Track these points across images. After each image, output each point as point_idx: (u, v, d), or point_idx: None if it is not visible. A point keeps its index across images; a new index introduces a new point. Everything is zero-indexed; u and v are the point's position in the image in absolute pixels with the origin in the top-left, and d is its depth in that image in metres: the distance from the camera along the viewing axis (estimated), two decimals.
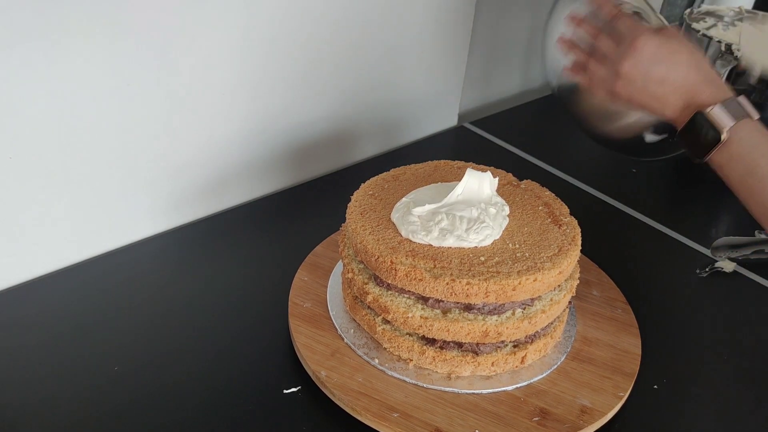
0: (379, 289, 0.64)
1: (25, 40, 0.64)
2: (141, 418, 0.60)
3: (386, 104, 1.01)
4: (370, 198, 0.69)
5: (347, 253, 0.68)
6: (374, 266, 0.63)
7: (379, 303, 0.63)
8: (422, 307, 0.62)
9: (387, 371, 0.64)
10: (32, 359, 0.65)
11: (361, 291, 0.65)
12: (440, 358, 0.63)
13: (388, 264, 0.61)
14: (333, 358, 0.64)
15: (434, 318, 0.61)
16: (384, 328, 0.65)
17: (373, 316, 0.65)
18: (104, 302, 0.72)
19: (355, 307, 0.67)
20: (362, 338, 0.67)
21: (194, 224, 0.85)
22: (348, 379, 0.63)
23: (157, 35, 0.72)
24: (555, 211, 0.70)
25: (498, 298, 0.60)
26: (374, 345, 0.66)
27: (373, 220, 0.66)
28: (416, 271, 0.60)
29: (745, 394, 0.68)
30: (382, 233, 0.64)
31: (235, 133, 0.85)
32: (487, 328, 0.61)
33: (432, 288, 0.60)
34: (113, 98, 0.72)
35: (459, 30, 1.05)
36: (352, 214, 0.67)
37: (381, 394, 0.62)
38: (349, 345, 0.66)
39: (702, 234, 0.91)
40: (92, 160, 0.74)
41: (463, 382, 0.63)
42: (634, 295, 0.75)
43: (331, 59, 0.90)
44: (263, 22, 0.81)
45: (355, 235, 0.64)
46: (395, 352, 0.65)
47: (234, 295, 0.75)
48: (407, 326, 0.63)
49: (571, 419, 0.61)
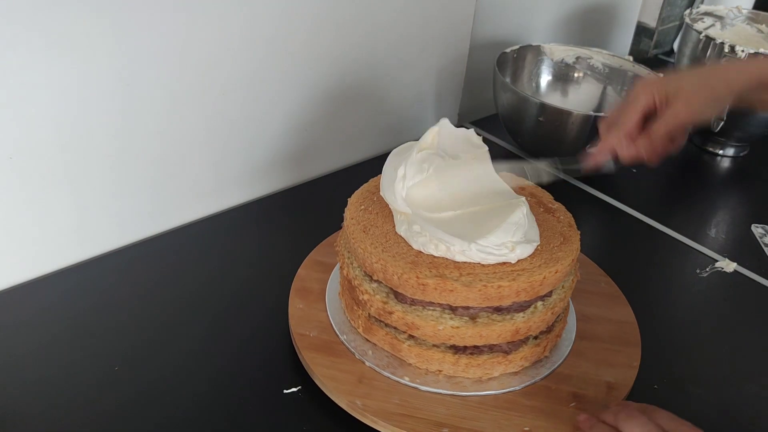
0: (402, 306, 0.61)
1: (26, 40, 0.64)
2: (141, 418, 0.60)
3: (386, 104, 1.01)
4: (365, 213, 0.66)
5: (356, 274, 0.64)
6: (397, 284, 0.60)
7: (405, 320, 0.61)
8: (451, 317, 0.60)
9: (420, 387, 0.62)
10: (32, 359, 0.65)
11: (382, 311, 0.62)
12: (473, 364, 0.62)
13: (414, 280, 0.59)
14: (362, 385, 0.62)
15: (465, 325, 0.60)
16: (410, 344, 0.63)
17: (395, 335, 0.63)
18: (104, 302, 0.72)
19: (371, 329, 0.65)
20: (383, 358, 0.64)
21: (194, 224, 0.85)
22: (384, 403, 0.60)
23: (157, 35, 0.72)
24: (543, 199, 0.70)
25: (527, 296, 0.60)
26: (398, 363, 0.64)
27: (378, 236, 0.63)
28: (446, 283, 0.58)
29: (745, 394, 0.68)
30: (394, 249, 0.62)
31: (235, 133, 0.85)
32: (517, 327, 0.61)
33: (464, 297, 0.59)
34: (113, 98, 0.72)
35: (459, 30, 1.05)
36: (354, 233, 0.64)
37: (422, 411, 0.60)
38: (373, 368, 0.63)
39: (702, 234, 0.91)
40: (92, 159, 0.74)
41: (496, 383, 0.63)
42: (634, 295, 0.75)
43: (331, 59, 0.90)
44: (263, 22, 0.81)
45: (369, 255, 0.61)
46: (422, 366, 0.63)
47: (234, 295, 0.75)
48: (437, 338, 0.61)
49: (602, 398, 0.62)
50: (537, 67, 1.12)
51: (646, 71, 1.05)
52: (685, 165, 1.12)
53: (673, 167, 1.09)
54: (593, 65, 1.11)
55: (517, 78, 1.10)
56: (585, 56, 1.11)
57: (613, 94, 1.10)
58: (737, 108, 0.77)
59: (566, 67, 1.12)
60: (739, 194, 1.07)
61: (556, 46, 1.11)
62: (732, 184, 1.09)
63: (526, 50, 1.10)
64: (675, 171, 1.09)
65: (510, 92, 0.98)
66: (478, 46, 1.10)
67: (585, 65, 1.11)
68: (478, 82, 1.13)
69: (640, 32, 1.39)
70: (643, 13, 1.37)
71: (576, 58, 1.11)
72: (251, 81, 0.83)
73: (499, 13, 1.13)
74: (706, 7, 1.21)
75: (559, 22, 1.26)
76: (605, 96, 1.11)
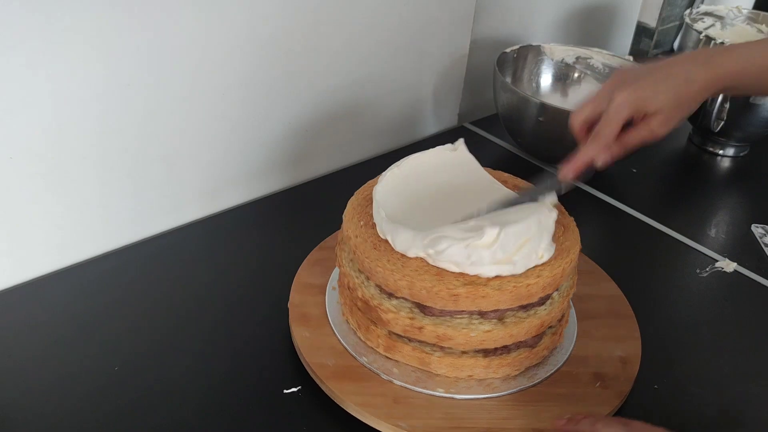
0: (430, 318, 0.60)
1: (26, 41, 0.64)
2: (141, 418, 0.60)
3: (386, 104, 1.01)
4: (366, 228, 0.64)
5: (373, 294, 0.62)
6: (425, 298, 0.59)
7: (437, 333, 0.60)
8: (480, 322, 0.60)
9: (456, 396, 0.62)
10: (32, 359, 0.65)
11: (409, 327, 0.60)
12: (503, 363, 0.62)
13: (445, 292, 0.58)
14: (399, 405, 0.60)
15: (496, 328, 0.60)
16: (439, 355, 0.62)
17: (423, 348, 0.62)
18: (104, 302, 0.72)
19: (394, 347, 0.63)
20: (410, 373, 0.63)
21: (194, 224, 0.85)
22: (429, 419, 0.59)
23: (156, 37, 0.72)
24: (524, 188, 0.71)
25: (551, 289, 0.61)
26: (426, 375, 0.63)
27: (392, 253, 0.61)
28: (478, 290, 0.58)
29: (745, 394, 0.68)
30: (413, 263, 0.60)
31: (235, 133, 0.85)
32: (542, 320, 0.62)
33: (496, 301, 0.59)
34: (113, 98, 0.72)
35: (459, 30, 1.05)
36: (365, 252, 0.61)
37: (468, 420, 0.60)
38: (405, 386, 0.62)
39: (702, 234, 0.91)
40: (92, 160, 0.74)
41: (524, 378, 0.64)
42: (635, 295, 0.75)
43: (331, 59, 0.90)
44: (263, 22, 0.80)
45: (391, 273, 0.59)
46: (452, 375, 0.63)
47: (234, 295, 0.75)
48: (469, 345, 0.61)
49: (621, 373, 0.65)
50: (537, 67, 1.12)
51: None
52: (685, 165, 1.12)
53: (673, 167, 1.09)
54: (593, 65, 1.11)
55: (517, 78, 1.10)
56: (585, 56, 1.11)
57: None
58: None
59: (566, 67, 1.12)
60: (739, 194, 1.07)
61: (556, 46, 1.11)
62: (732, 184, 1.09)
63: (526, 50, 1.10)
64: (675, 171, 1.09)
65: (510, 92, 0.98)
66: (478, 46, 1.10)
67: (585, 65, 1.11)
68: (478, 82, 1.13)
69: (640, 32, 1.39)
70: (643, 13, 1.37)
71: (576, 58, 1.11)
72: (251, 82, 0.83)
73: (499, 13, 1.13)
74: (706, 7, 1.21)
75: (559, 22, 1.26)
76: None
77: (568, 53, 1.11)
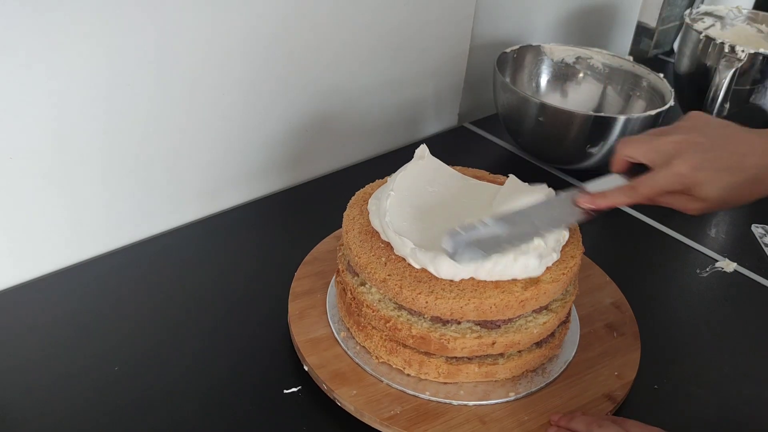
0: (495, 332, 0.60)
1: (26, 41, 0.64)
2: (141, 418, 0.60)
3: (386, 104, 1.01)
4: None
5: (428, 326, 0.60)
6: (495, 313, 0.59)
7: (505, 342, 0.60)
8: (535, 316, 0.62)
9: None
10: (32, 359, 0.65)
11: (479, 346, 0.60)
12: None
13: (514, 302, 0.59)
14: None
15: (548, 317, 0.62)
16: (503, 362, 0.62)
17: (485, 361, 0.62)
18: (104, 302, 0.72)
19: (458, 371, 0.62)
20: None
21: (194, 224, 0.85)
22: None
23: (157, 37, 0.72)
24: None
25: (568, 284, 0.63)
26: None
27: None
28: (540, 288, 0.59)
29: (745, 394, 0.68)
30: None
31: (235, 133, 0.85)
32: (560, 317, 0.63)
33: (552, 293, 0.61)
34: (113, 98, 0.72)
35: (459, 30, 1.05)
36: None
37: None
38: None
39: (702, 234, 0.91)
40: (92, 160, 0.74)
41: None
42: (635, 295, 0.75)
43: (331, 59, 0.90)
44: (263, 22, 0.80)
45: (456, 301, 0.58)
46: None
47: (234, 295, 0.75)
48: (531, 341, 0.62)
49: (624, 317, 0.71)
50: (537, 67, 1.12)
51: (647, 71, 1.05)
52: None
53: None
54: (593, 65, 1.11)
55: (517, 78, 1.10)
56: (585, 56, 1.11)
57: (613, 94, 1.10)
58: None
59: (566, 67, 1.12)
60: None
61: (556, 46, 1.11)
62: None
63: (526, 50, 1.10)
64: None
65: (510, 92, 0.98)
66: (478, 46, 1.10)
67: (585, 65, 1.11)
68: (478, 82, 1.13)
69: (640, 32, 1.39)
70: (643, 13, 1.37)
71: (576, 58, 1.11)
72: (250, 82, 0.83)
73: (499, 13, 1.13)
74: (706, 7, 1.21)
75: (559, 22, 1.26)
76: (605, 96, 1.11)
77: (568, 53, 1.11)
